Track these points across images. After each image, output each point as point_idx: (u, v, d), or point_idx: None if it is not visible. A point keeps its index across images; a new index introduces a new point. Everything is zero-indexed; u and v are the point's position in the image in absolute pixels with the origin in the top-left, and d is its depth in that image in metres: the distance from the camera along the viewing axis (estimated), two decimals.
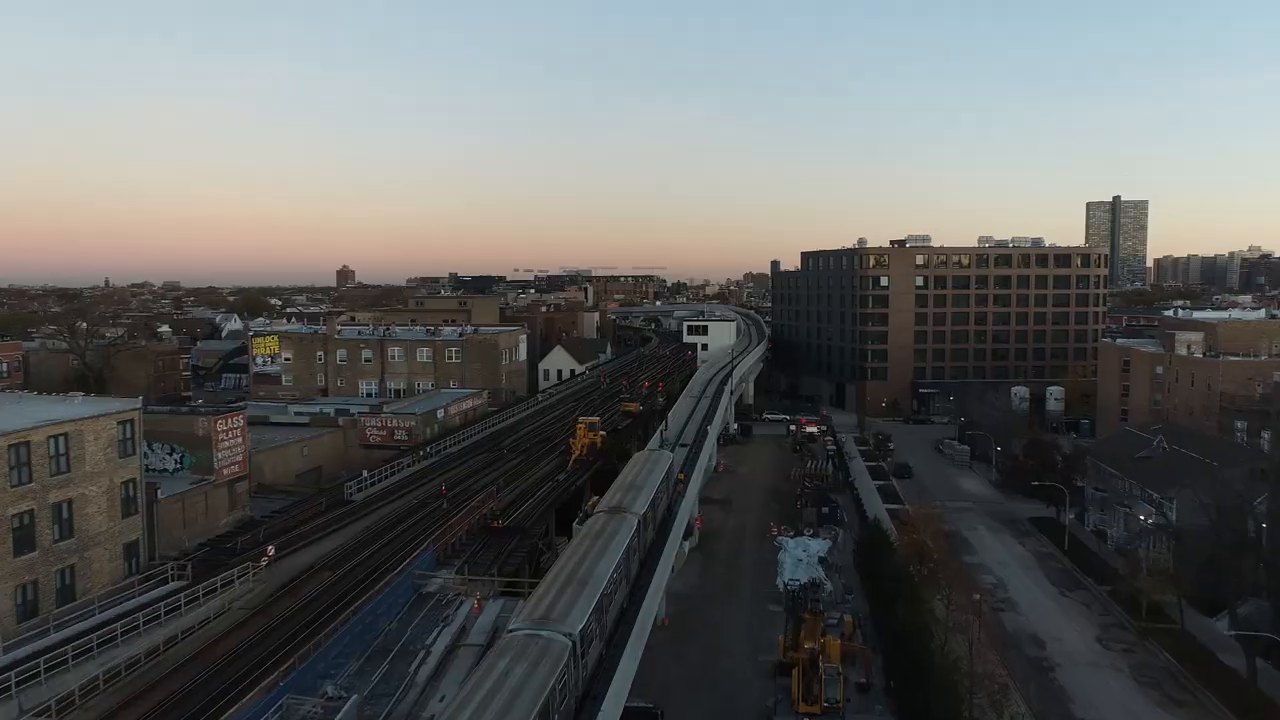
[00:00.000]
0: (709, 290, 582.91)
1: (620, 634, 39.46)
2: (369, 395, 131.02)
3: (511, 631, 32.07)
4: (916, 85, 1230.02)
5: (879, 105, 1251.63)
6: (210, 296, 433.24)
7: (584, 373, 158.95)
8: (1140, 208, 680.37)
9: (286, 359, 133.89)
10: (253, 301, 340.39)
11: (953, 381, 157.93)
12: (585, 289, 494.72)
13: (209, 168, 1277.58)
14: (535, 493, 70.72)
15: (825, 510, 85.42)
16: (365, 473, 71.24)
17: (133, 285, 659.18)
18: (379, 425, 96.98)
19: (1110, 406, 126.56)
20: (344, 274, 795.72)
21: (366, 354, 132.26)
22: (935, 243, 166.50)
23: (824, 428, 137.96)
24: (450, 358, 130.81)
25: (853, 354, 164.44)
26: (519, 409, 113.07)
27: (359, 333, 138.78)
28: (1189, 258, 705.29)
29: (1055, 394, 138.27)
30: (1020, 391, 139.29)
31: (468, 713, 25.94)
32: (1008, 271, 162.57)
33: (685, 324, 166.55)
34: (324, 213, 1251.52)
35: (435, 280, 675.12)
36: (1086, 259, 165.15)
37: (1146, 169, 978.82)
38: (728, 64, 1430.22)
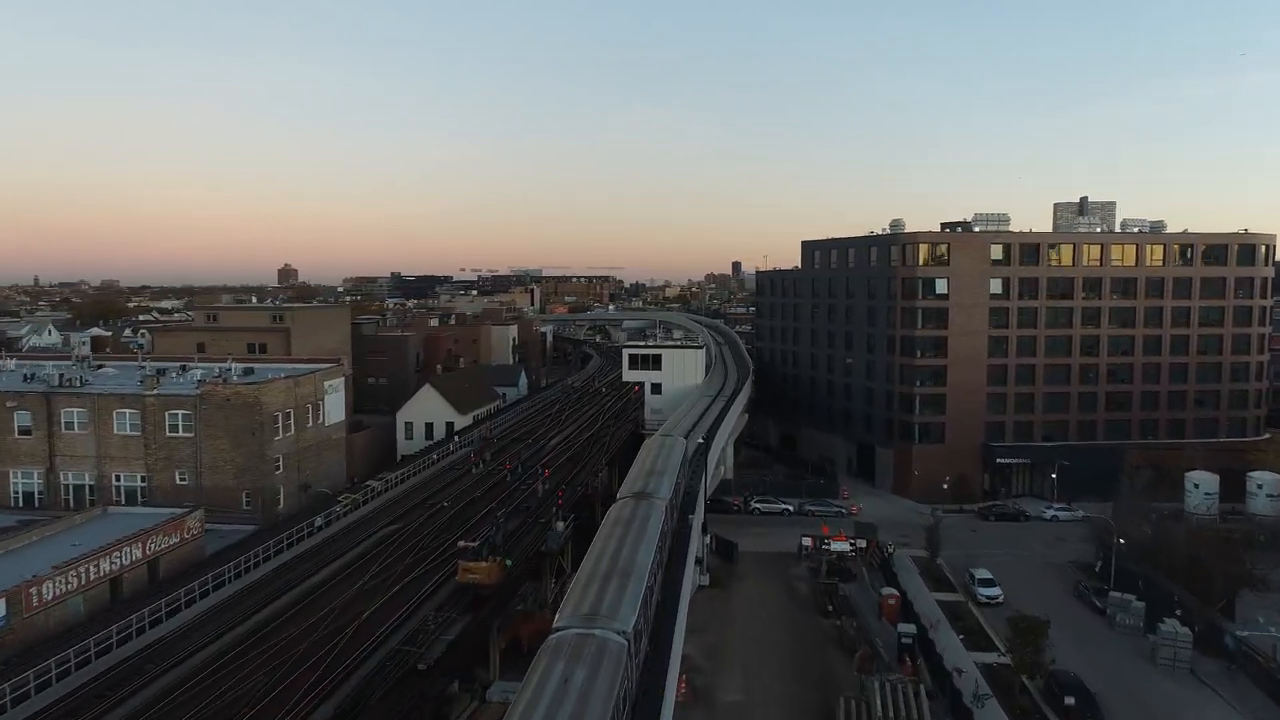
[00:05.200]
0: (669, 292, 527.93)
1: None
2: (28, 497, 70.00)
3: (559, 631, 28.59)
4: (885, 86, 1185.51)
5: (841, 108, 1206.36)
6: (115, 298, 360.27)
7: (468, 429, 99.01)
8: (1108, 209, 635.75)
9: None
10: (105, 304, 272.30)
11: (1048, 446, 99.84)
12: (531, 290, 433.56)
13: (190, 168, 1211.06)
14: None
15: None
16: None
17: (63, 284, 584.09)
18: None
19: None
20: (286, 273, 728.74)
21: (22, 419, 70.67)
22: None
23: (862, 543, 78.88)
24: (177, 429, 69.78)
25: (888, 399, 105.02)
26: (269, 550, 52.93)
27: (29, 377, 76.78)
28: None
29: (1266, 485, 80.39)
30: (1204, 480, 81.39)
31: None
32: (1132, 272, 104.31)
33: (626, 353, 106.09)
34: (298, 212, 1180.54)
35: (373, 280, 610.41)
36: (1249, 252, 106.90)
37: (1111, 171, 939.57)
38: (691, 63, 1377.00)
